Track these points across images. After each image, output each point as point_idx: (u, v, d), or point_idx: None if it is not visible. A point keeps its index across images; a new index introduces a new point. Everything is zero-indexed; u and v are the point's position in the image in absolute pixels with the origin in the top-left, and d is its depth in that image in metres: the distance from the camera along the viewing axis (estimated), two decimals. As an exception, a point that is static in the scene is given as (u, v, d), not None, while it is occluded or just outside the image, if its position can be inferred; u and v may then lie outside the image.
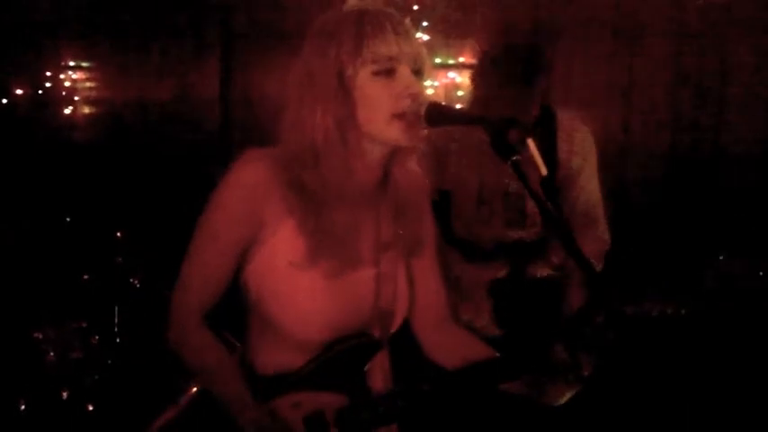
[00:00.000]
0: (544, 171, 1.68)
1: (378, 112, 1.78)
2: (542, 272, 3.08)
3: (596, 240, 3.11)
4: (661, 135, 4.65)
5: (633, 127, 4.68)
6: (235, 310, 1.94)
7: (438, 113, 1.81)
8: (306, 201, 1.81)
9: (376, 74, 1.77)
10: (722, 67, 4.53)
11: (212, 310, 1.89)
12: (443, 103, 1.92)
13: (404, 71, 1.79)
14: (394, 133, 1.79)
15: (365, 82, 1.77)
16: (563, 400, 1.87)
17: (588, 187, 3.14)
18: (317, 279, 1.82)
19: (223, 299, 1.89)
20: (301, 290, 1.82)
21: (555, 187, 1.67)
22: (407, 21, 1.84)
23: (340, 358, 1.87)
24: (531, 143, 1.70)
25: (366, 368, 1.94)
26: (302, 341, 1.86)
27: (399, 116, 1.78)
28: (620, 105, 4.63)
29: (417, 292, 2.03)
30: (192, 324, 1.87)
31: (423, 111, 1.78)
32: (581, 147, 3.13)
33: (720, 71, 4.54)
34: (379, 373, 1.98)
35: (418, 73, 1.82)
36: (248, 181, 1.82)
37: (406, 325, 2.05)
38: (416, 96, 1.78)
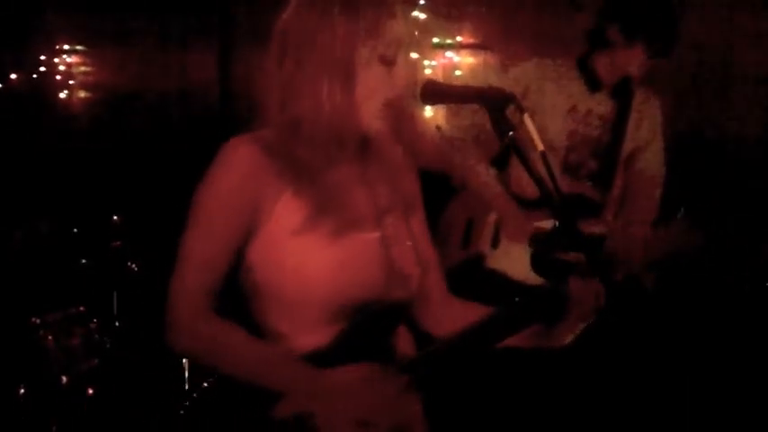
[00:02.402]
0: (541, 147, 1.70)
1: (374, 97, 1.78)
2: (594, 228, 3.09)
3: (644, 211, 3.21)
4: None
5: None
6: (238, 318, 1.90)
7: (434, 91, 1.83)
8: (299, 170, 1.80)
9: (382, 59, 1.77)
10: None
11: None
12: (440, 82, 1.91)
13: (404, 59, 1.79)
14: (375, 120, 1.80)
15: (370, 64, 1.77)
16: (571, 338, 1.90)
17: (653, 161, 3.26)
18: (322, 240, 1.79)
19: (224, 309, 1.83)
20: (308, 254, 1.79)
21: (549, 164, 1.67)
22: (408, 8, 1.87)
23: (366, 327, 1.84)
24: (527, 119, 1.71)
25: (394, 333, 1.91)
26: (320, 313, 1.82)
27: (390, 104, 1.79)
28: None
29: (421, 257, 1.99)
30: (202, 314, 1.79)
31: (417, 91, 1.80)
32: (651, 120, 3.25)
33: None
34: (404, 339, 1.95)
35: (413, 60, 1.83)
36: (239, 166, 1.79)
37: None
38: (410, 85, 1.80)
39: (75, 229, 4.08)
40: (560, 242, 3.03)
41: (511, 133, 1.71)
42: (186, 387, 3.39)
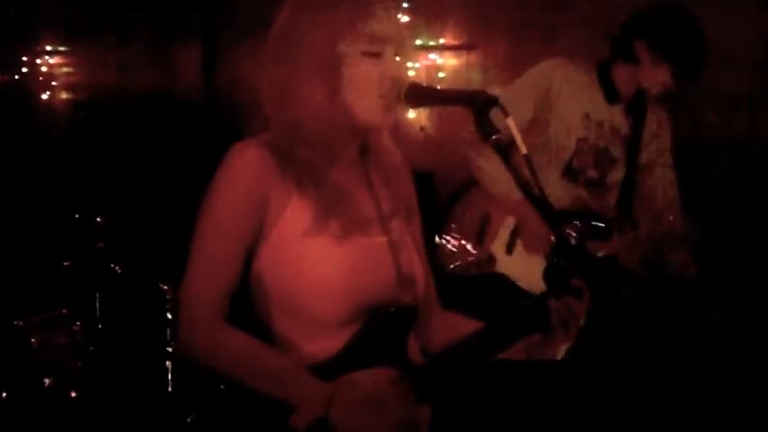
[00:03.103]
0: (524, 150, 1.70)
1: (365, 92, 1.80)
2: (600, 251, 3.14)
3: (666, 223, 3.20)
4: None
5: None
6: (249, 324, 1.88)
7: (418, 93, 1.84)
8: (303, 173, 1.81)
9: (365, 54, 1.79)
10: None
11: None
12: (424, 84, 1.92)
13: (389, 54, 1.81)
14: (374, 114, 1.82)
15: (354, 60, 1.79)
16: (562, 352, 1.90)
17: (665, 174, 3.30)
18: (330, 243, 1.79)
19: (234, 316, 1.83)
20: (317, 257, 1.79)
21: (533, 167, 1.69)
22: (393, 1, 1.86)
23: (381, 330, 1.84)
24: (511, 122, 1.70)
25: (406, 339, 1.90)
26: (331, 315, 1.81)
27: (383, 97, 1.80)
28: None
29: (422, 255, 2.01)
30: (212, 320, 1.78)
31: (402, 92, 1.80)
32: (662, 139, 3.31)
33: None
34: (414, 343, 1.95)
35: (401, 55, 1.84)
36: (247, 169, 1.80)
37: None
38: (398, 80, 1.81)
39: (59, 230, 4.06)
40: (577, 258, 3.06)
41: (495, 136, 1.71)
42: (169, 389, 3.39)
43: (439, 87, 3.49)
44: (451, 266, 3.24)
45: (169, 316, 3.30)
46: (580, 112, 3.23)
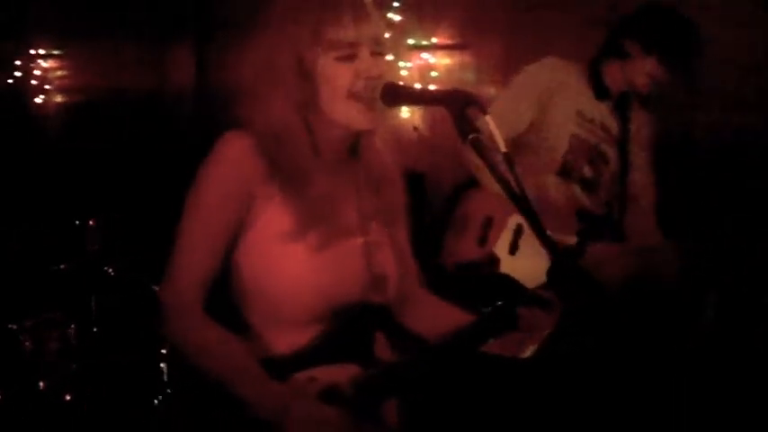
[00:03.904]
0: (503, 148, 1.69)
1: (336, 94, 1.82)
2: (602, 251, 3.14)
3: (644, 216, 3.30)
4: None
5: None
6: (225, 306, 1.91)
7: (394, 93, 1.85)
8: (285, 177, 1.83)
9: (337, 59, 1.81)
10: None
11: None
12: (401, 83, 1.93)
13: (364, 54, 1.82)
14: (352, 116, 1.83)
15: (326, 67, 1.81)
16: (528, 353, 1.98)
17: (647, 181, 3.37)
18: (308, 249, 1.83)
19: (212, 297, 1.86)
20: (294, 262, 1.83)
21: (513, 165, 1.69)
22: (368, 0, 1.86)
23: (348, 329, 1.88)
24: (490, 120, 1.70)
25: (373, 337, 1.94)
26: (302, 315, 1.85)
27: (356, 97, 1.81)
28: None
29: (398, 257, 2.04)
30: (186, 308, 1.82)
31: (379, 91, 1.82)
32: (645, 139, 3.38)
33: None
34: (383, 341, 1.98)
35: (379, 54, 1.85)
36: (236, 158, 1.83)
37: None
38: (376, 78, 1.82)
39: (53, 233, 4.06)
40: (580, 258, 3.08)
41: (473, 135, 1.71)
42: (165, 391, 3.39)
43: (417, 86, 3.52)
44: (455, 268, 3.24)
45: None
46: (573, 110, 3.27)
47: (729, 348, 3.48)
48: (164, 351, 3.34)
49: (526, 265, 3.17)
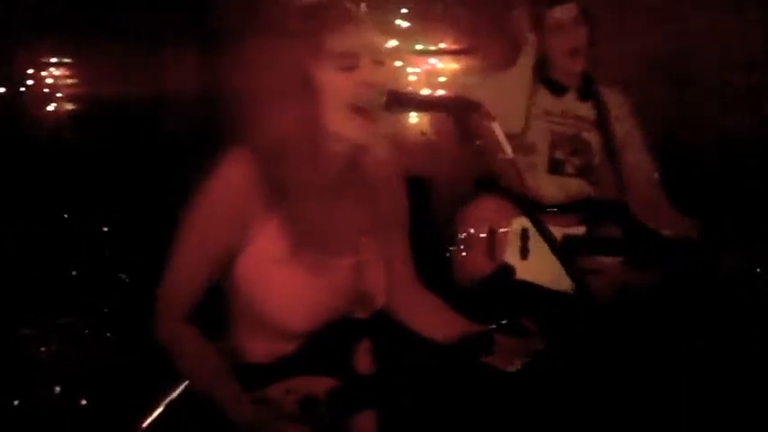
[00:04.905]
0: (510, 153, 1.70)
1: (338, 105, 1.81)
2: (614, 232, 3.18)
3: (665, 214, 3.26)
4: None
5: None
6: (214, 299, 1.96)
7: (397, 101, 1.83)
8: (280, 197, 1.84)
9: (338, 70, 1.81)
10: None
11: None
12: (403, 91, 1.93)
13: (364, 63, 1.82)
14: (353, 129, 1.83)
15: (328, 78, 1.81)
16: (515, 366, 2.00)
17: (639, 152, 3.34)
18: (301, 273, 1.86)
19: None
20: (287, 285, 1.86)
21: (519, 170, 1.70)
22: (362, 8, 1.88)
23: (327, 342, 1.91)
24: (495, 126, 1.71)
25: (352, 350, 1.98)
26: (289, 331, 1.90)
27: (358, 110, 1.81)
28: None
29: (390, 265, 2.06)
30: (177, 318, 1.90)
31: (382, 100, 1.81)
32: (625, 117, 3.35)
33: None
34: (363, 355, 2.01)
35: (380, 62, 1.85)
36: (236, 179, 1.83)
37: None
38: (377, 86, 1.81)
39: (66, 238, 4.10)
40: (590, 248, 3.11)
41: (477, 142, 1.71)
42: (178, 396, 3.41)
43: (421, 93, 3.54)
44: (476, 286, 3.22)
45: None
46: (541, 111, 3.28)
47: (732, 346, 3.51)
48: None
49: (541, 266, 3.14)
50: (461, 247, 3.26)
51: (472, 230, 3.26)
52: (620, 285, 3.11)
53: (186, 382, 1.97)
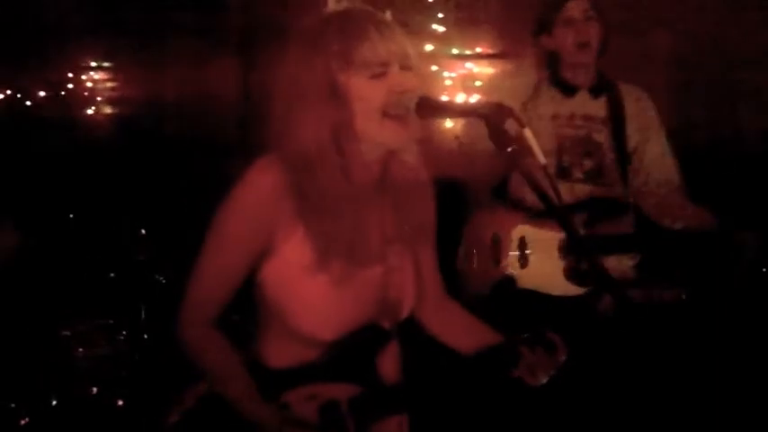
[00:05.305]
0: (542, 160, 1.69)
1: (371, 112, 1.81)
2: (622, 228, 3.16)
3: (687, 207, 3.18)
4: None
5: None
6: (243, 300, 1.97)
7: (429, 106, 1.84)
8: (310, 206, 1.84)
9: (369, 78, 1.80)
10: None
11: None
12: (434, 97, 1.92)
13: (394, 70, 1.82)
14: (386, 134, 1.83)
15: (359, 87, 1.81)
16: (541, 381, 1.99)
17: (662, 152, 3.29)
18: (328, 283, 1.86)
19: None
20: (313, 294, 1.87)
21: (552, 177, 1.68)
22: (388, 15, 1.87)
23: (352, 349, 1.92)
24: (527, 132, 1.70)
25: (377, 358, 1.98)
26: (314, 339, 1.90)
27: (390, 115, 1.81)
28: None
29: (418, 273, 2.06)
30: (202, 323, 1.91)
31: (413, 105, 1.81)
32: (646, 116, 3.30)
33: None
34: (389, 362, 2.02)
35: (409, 68, 1.84)
36: (264, 188, 1.84)
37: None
38: (407, 92, 1.81)
39: (105, 241, 4.14)
40: (592, 249, 3.07)
41: (510, 148, 1.70)
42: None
43: (454, 99, 3.52)
44: (477, 293, 3.23)
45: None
46: (548, 114, 3.25)
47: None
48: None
49: (540, 274, 3.16)
50: (473, 252, 3.27)
51: (480, 236, 3.27)
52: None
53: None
